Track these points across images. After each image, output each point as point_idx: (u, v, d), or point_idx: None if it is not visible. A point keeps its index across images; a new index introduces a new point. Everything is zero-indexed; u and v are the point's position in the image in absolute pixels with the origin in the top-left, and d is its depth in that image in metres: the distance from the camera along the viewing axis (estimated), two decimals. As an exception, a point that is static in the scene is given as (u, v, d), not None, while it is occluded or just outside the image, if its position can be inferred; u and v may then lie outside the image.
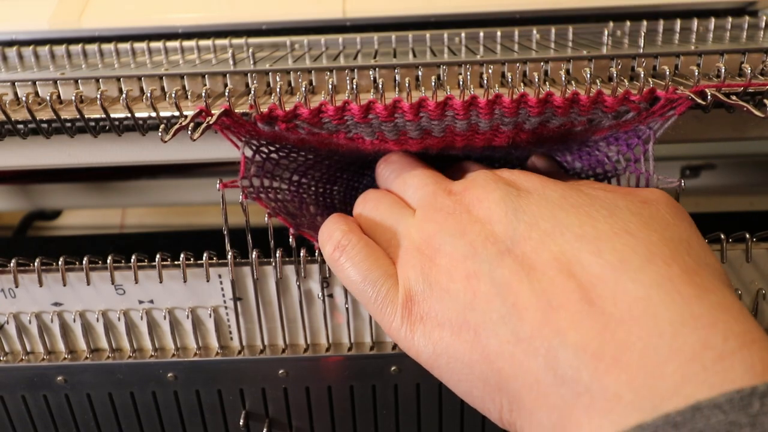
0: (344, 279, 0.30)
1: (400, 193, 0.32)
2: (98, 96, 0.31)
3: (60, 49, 0.42)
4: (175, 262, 0.36)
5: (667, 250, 0.24)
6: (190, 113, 0.29)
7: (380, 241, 0.30)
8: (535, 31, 0.42)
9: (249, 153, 0.33)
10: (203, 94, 0.31)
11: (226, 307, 0.37)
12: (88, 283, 0.36)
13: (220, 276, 0.36)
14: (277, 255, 0.35)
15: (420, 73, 0.34)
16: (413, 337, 0.27)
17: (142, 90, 0.34)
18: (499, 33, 0.42)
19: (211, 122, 0.28)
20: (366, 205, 0.32)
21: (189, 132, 0.28)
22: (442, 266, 0.27)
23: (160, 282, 0.36)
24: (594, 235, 0.24)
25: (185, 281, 0.36)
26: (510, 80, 0.34)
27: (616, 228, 0.24)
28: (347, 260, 0.29)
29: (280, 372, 0.38)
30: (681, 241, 0.25)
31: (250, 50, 0.36)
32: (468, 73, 0.32)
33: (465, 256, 0.26)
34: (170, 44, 0.43)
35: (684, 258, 0.24)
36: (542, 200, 0.27)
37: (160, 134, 0.28)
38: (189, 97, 0.33)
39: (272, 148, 0.34)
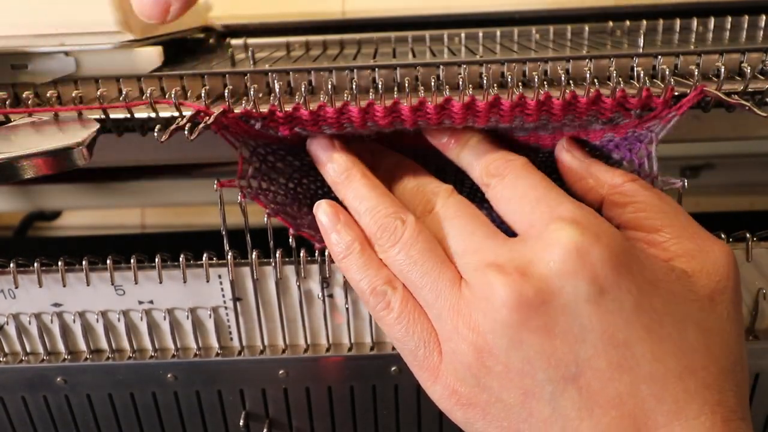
0: (388, 332, 0.29)
1: (440, 236, 0.29)
2: (98, 96, 0.31)
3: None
4: (175, 263, 0.36)
5: (716, 393, 0.25)
6: (189, 113, 0.29)
7: (418, 297, 0.29)
8: (534, 31, 0.42)
9: (247, 153, 0.33)
10: (202, 95, 0.31)
11: (225, 308, 0.37)
12: (88, 284, 0.36)
13: (219, 276, 0.36)
14: (277, 255, 0.35)
15: (419, 73, 0.34)
16: (451, 411, 0.28)
17: (141, 90, 0.34)
18: (498, 33, 0.42)
19: (208, 122, 0.28)
20: (402, 250, 0.28)
21: (186, 132, 0.28)
22: (495, 372, 0.26)
23: (160, 282, 0.36)
24: (661, 374, 0.25)
25: (185, 282, 0.36)
26: (509, 80, 0.34)
27: (681, 366, 0.25)
28: (392, 318, 0.29)
29: (280, 372, 0.38)
30: (732, 372, 0.26)
31: (250, 50, 0.36)
32: (467, 73, 0.32)
33: (522, 373, 0.25)
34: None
35: (728, 399, 0.25)
36: (614, 310, 0.25)
37: (156, 134, 0.28)
38: (188, 97, 0.33)
39: (269, 150, 0.34)
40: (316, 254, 0.35)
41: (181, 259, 0.35)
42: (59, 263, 0.36)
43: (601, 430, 0.25)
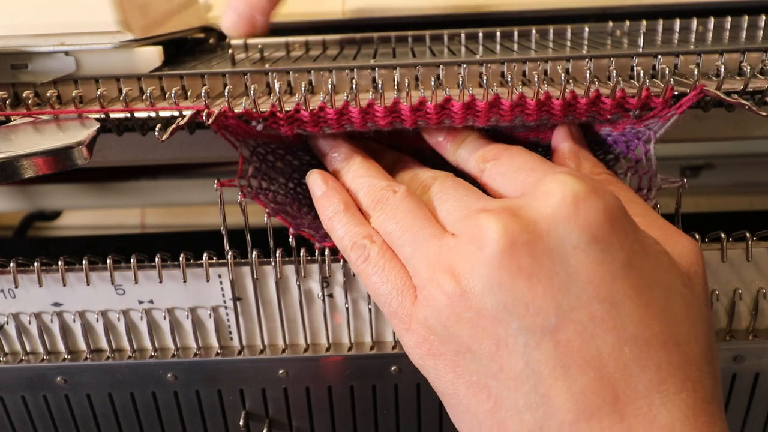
0: (365, 282, 0.29)
1: (433, 205, 0.29)
2: (98, 95, 0.31)
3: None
4: (175, 262, 0.36)
5: (697, 371, 0.24)
6: (189, 113, 0.29)
7: (400, 255, 0.28)
8: (534, 31, 0.42)
9: (247, 153, 0.33)
10: (202, 94, 0.31)
11: (225, 307, 0.37)
12: (88, 284, 0.36)
13: (219, 276, 0.36)
14: (277, 255, 0.35)
15: (419, 72, 0.34)
16: (422, 362, 0.27)
17: (141, 90, 0.34)
18: (498, 33, 0.42)
19: (209, 122, 0.28)
20: (390, 212, 0.29)
21: (186, 129, 0.28)
22: (466, 319, 0.24)
23: (160, 282, 0.36)
24: (646, 339, 0.23)
25: (185, 281, 0.36)
26: (509, 80, 0.34)
27: (666, 334, 0.24)
28: (369, 267, 0.28)
29: (280, 372, 0.38)
30: (710, 354, 0.25)
31: (259, 49, 0.36)
32: (467, 73, 0.32)
33: (495, 320, 0.24)
34: (170, 44, 0.43)
35: (707, 380, 0.24)
36: (604, 262, 0.23)
37: (157, 134, 0.28)
38: (188, 96, 0.33)
39: (269, 149, 0.34)
40: (316, 254, 0.35)
41: (181, 258, 0.35)
42: (59, 263, 0.36)
43: (575, 393, 0.23)
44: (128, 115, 0.31)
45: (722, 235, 0.34)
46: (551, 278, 0.23)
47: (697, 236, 0.33)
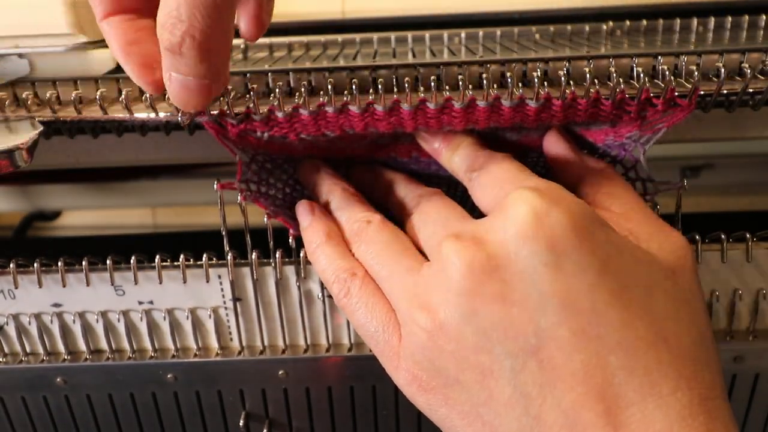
0: (351, 319, 0.29)
1: (416, 229, 0.29)
2: (98, 96, 0.31)
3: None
4: (175, 263, 0.36)
5: (690, 364, 0.23)
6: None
7: (383, 289, 0.28)
8: (534, 30, 0.42)
9: (246, 158, 0.33)
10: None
11: (225, 308, 0.37)
12: (88, 284, 0.36)
13: (219, 277, 0.36)
14: (277, 255, 0.35)
15: (419, 73, 0.34)
16: (414, 398, 0.27)
17: (141, 90, 0.33)
18: (498, 32, 0.42)
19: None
20: (367, 245, 0.29)
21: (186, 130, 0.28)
22: (448, 352, 0.24)
23: (160, 283, 0.36)
24: (631, 342, 0.23)
25: (185, 282, 0.36)
26: (510, 80, 0.34)
27: (651, 333, 0.23)
28: (352, 303, 0.28)
29: (280, 372, 0.38)
30: (703, 344, 0.24)
31: (247, 50, 0.36)
32: (467, 74, 0.32)
33: (477, 349, 0.24)
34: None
35: (703, 374, 0.23)
36: (577, 273, 0.23)
37: (180, 119, 0.29)
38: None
39: (267, 157, 0.34)
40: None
41: (180, 259, 0.35)
42: (59, 263, 0.36)
43: (565, 410, 0.22)
44: (128, 115, 0.31)
45: (722, 236, 0.34)
46: (525, 299, 0.23)
47: (697, 236, 0.33)
